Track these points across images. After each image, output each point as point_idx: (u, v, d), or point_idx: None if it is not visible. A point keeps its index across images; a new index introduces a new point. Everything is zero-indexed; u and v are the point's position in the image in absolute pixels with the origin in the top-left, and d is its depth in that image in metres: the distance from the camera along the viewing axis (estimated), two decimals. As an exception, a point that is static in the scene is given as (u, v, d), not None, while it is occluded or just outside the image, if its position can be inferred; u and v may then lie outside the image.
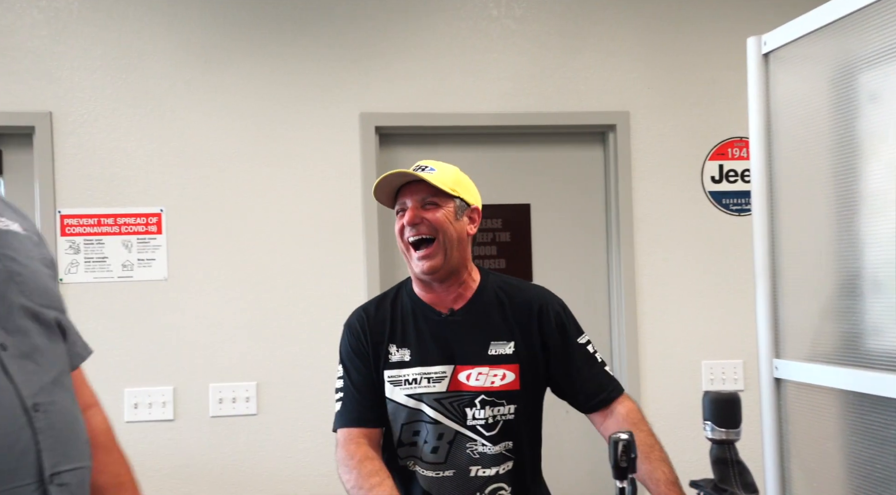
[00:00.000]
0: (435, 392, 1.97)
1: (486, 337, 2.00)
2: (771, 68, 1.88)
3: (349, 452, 1.96)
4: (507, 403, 1.98)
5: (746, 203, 3.59)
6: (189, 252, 3.32)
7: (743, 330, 3.54)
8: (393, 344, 2.02)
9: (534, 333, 2.02)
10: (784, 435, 1.92)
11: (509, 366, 1.99)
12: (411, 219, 1.95)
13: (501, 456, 1.98)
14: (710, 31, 3.60)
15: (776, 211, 1.92)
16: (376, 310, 2.09)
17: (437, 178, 1.95)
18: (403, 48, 3.45)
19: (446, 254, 1.96)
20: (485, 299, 2.04)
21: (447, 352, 1.99)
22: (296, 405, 3.35)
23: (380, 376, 2.02)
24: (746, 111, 1.96)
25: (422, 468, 2.00)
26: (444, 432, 1.97)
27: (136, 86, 3.30)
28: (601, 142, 3.63)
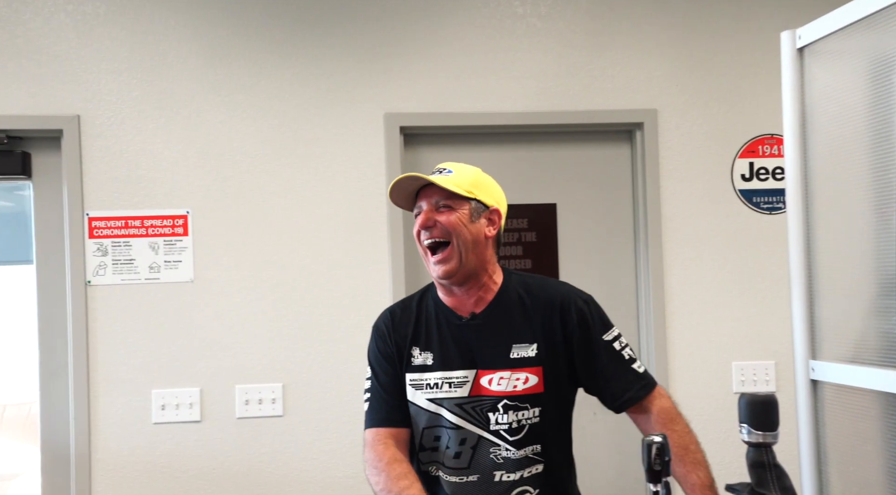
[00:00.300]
0: (456, 397, 1.96)
1: (508, 340, 1.97)
2: (806, 63, 1.84)
3: (377, 453, 1.96)
4: (532, 406, 1.95)
5: (778, 201, 3.53)
6: (215, 253, 3.32)
7: (775, 330, 3.49)
8: (416, 347, 2.01)
9: (556, 332, 1.98)
10: (821, 438, 1.88)
11: (532, 369, 1.96)
12: (424, 221, 1.95)
13: (527, 460, 1.96)
14: (740, 26, 3.55)
15: (811, 209, 1.88)
16: (402, 312, 2.08)
17: (450, 181, 1.94)
18: (428, 47, 3.44)
19: (462, 258, 1.94)
20: (506, 301, 2.01)
21: (469, 357, 1.97)
22: (321, 406, 3.34)
23: (403, 379, 2.01)
24: (777, 107, 1.92)
25: (445, 473, 1.98)
26: (467, 437, 1.95)
27: (161, 88, 3.31)
28: (628, 140, 3.59)
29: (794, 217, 1.90)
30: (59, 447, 3.27)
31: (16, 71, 3.24)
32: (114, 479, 3.24)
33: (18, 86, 3.24)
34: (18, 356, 4.34)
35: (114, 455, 3.24)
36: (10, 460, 4.61)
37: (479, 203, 1.97)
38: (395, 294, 3.35)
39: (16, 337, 4.19)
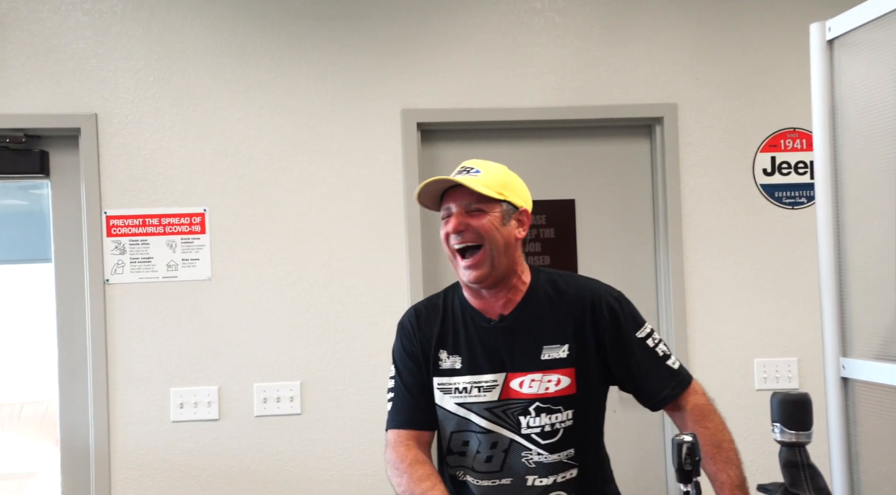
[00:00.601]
0: (485, 401, 1.93)
1: (539, 341, 1.93)
2: (835, 55, 1.81)
3: (399, 455, 1.93)
4: (565, 409, 1.92)
5: (800, 196, 3.49)
6: (232, 251, 3.31)
7: (797, 327, 3.45)
8: (443, 350, 1.98)
9: (588, 332, 1.94)
10: (851, 437, 1.85)
11: (564, 371, 1.92)
12: (456, 226, 1.89)
13: (561, 465, 1.93)
14: (761, 19, 3.51)
15: (841, 203, 1.85)
16: (427, 311, 2.04)
17: (482, 182, 1.88)
18: (445, 43, 3.41)
19: (493, 262, 1.90)
20: (535, 301, 1.97)
21: (498, 360, 1.93)
22: (339, 404, 3.33)
23: (430, 382, 1.98)
24: (800, 101, 1.89)
25: (474, 477, 1.95)
26: (499, 440, 1.92)
27: (178, 85, 3.30)
28: (648, 135, 3.56)
29: (824, 211, 1.86)
30: (79, 445, 3.27)
31: (33, 69, 3.23)
32: (133, 477, 3.23)
33: (36, 84, 3.23)
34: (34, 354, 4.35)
35: (133, 453, 3.24)
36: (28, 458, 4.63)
37: (510, 205, 1.92)
38: (412, 291, 3.33)
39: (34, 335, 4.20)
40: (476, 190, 1.87)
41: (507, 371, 1.93)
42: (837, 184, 1.85)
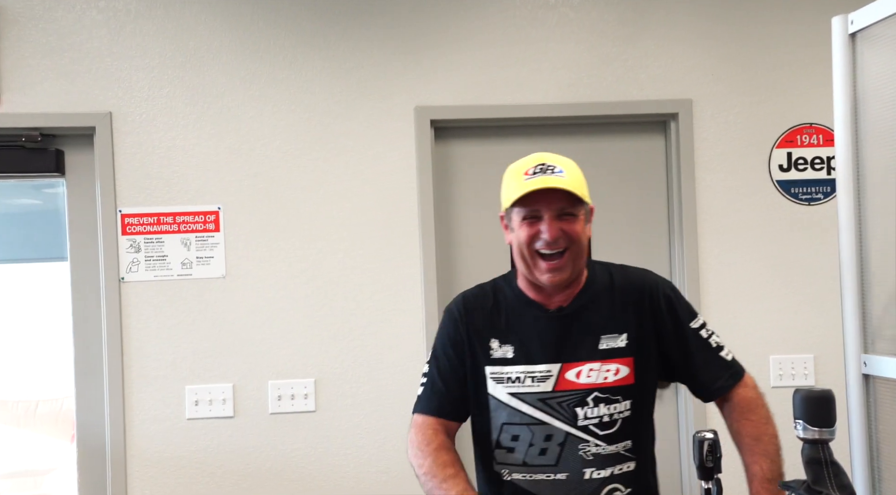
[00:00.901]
0: (539, 392, 1.90)
1: (597, 331, 1.91)
2: (858, 49, 1.79)
3: (426, 437, 1.92)
4: (623, 399, 1.90)
5: (817, 192, 3.47)
6: (246, 249, 3.31)
7: (813, 323, 3.43)
8: (495, 339, 1.94)
9: (646, 321, 1.93)
10: (873, 434, 1.83)
11: (622, 360, 1.90)
12: (554, 234, 1.83)
13: (618, 457, 1.90)
14: (776, 14, 3.48)
15: (863, 199, 1.83)
16: (477, 299, 2.00)
17: (571, 185, 1.84)
18: (459, 39, 3.40)
19: (574, 265, 1.88)
20: (593, 292, 1.96)
21: (553, 350, 1.90)
22: (354, 402, 3.33)
23: (481, 371, 1.94)
24: (815, 95, 1.87)
25: (526, 473, 1.91)
26: (554, 433, 1.89)
27: (192, 83, 3.30)
28: (662, 131, 3.54)
29: (845, 206, 1.85)
30: (95, 442, 3.28)
31: (48, 68, 3.24)
32: (149, 474, 3.24)
33: (51, 83, 3.24)
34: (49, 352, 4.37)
35: (149, 450, 3.24)
36: (43, 455, 4.65)
37: (587, 205, 1.90)
38: (426, 288, 3.32)
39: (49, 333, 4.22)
40: (577, 194, 1.83)
41: (562, 361, 1.90)
42: (859, 180, 1.84)
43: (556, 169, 1.86)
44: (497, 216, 3.50)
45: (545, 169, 1.86)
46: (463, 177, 3.49)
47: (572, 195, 1.83)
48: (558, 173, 1.85)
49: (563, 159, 1.92)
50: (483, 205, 3.48)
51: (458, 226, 3.48)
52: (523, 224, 1.88)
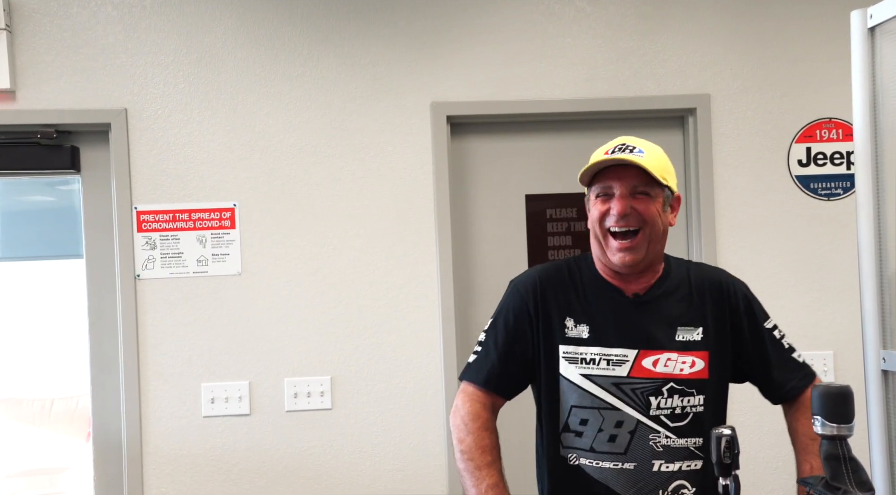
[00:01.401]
0: (614, 376, 1.87)
1: (674, 322, 1.89)
2: (877, 43, 1.76)
3: (473, 411, 1.91)
4: (697, 393, 1.87)
5: (836, 187, 3.43)
6: (262, 246, 3.31)
7: (833, 319, 3.39)
8: (570, 317, 1.92)
9: (723, 319, 1.92)
10: (892, 429, 1.80)
11: (698, 353, 1.88)
12: (622, 209, 1.81)
13: (687, 452, 1.87)
14: (796, 8, 3.44)
15: (882, 193, 1.80)
16: (552, 277, 1.97)
17: (650, 164, 1.81)
18: (475, 34, 3.39)
19: (648, 248, 1.86)
20: (670, 284, 1.94)
21: (630, 336, 1.88)
22: (369, 399, 3.32)
23: (554, 350, 1.92)
24: (835, 90, 1.84)
25: (593, 459, 1.88)
26: (624, 420, 1.87)
27: (207, 80, 3.30)
28: (681, 126, 3.51)
29: (865, 202, 1.82)
30: (111, 440, 3.29)
31: (63, 65, 3.25)
32: (165, 472, 3.25)
33: (66, 80, 3.25)
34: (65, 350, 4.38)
35: (165, 448, 3.25)
36: (58, 453, 4.67)
37: (670, 190, 1.88)
38: (442, 285, 3.31)
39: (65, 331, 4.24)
40: (649, 171, 1.81)
41: (639, 347, 1.87)
42: (878, 174, 1.81)
43: (635, 149, 1.84)
44: (511, 210, 3.49)
45: (624, 148, 1.85)
46: (479, 174, 3.47)
47: (648, 174, 1.81)
48: (638, 153, 1.83)
49: (648, 143, 1.90)
50: (499, 201, 3.46)
51: (475, 223, 3.46)
52: (596, 202, 1.88)
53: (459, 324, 3.37)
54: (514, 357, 1.94)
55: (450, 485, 3.32)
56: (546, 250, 3.46)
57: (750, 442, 3.23)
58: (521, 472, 2.15)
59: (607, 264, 1.91)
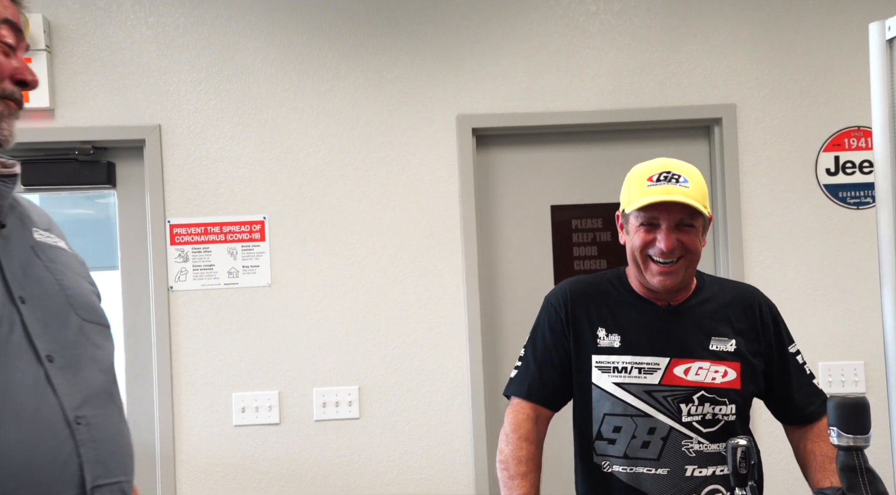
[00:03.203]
0: (646, 384, 1.91)
1: (708, 332, 1.93)
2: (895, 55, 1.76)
3: (516, 422, 1.95)
4: (729, 403, 1.91)
5: (866, 196, 3.41)
6: (291, 258, 3.36)
7: (864, 329, 3.36)
8: (602, 327, 1.96)
9: (757, 332, 1.96)
10: (916, 441, 1.80)
11: (731, 364, 1.91)
12: (670, 245, 1.85)
13: (720, 457, 1.90)
14: (820, 18, 3.43)
15: (902, 202, 1.80)
16: (586, 290, 2.02)
17: (694, 196, 1.84)
18: (500, 47, 3.42)
19: (686, 272, 1.91)
20: (704, 297, 1.98)
21: (661, 344, 1.92)
22: (397, 409, 3.35)
23: (587, 360, 1.96)
24: (863, 99, 1.85)
25: (626, 465, 1.92)
26: (657, 427, 1.90)
27: (238, 96, 3.37)
28: (706, 136, 3.51)
29: (885, 210, 1.82)
30: (145, 448, 3.36)
31: (100, 83, 3.34)
32: (198, 480, 3.30)
33: (103, 98, 3.34)
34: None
35: (197, 456, 3.31)
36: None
37: (706, 216, 1.91)
38: (468, 296, 3.34)
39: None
40: (699, 212, 1.85)
41: (671, 356, 1.91)
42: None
43: (680, 178, 1.86)
44: (537, 221, 3.50)
45: (670, 177, 1.86)
46: (505, 185, 3.50)
47: (693, 207, 1.84)
48: (683, 183, 1.85)
49: (688, 167, 1.92)
50: (525, 212, 3.49)
51: (501, 234, 3.49)
52: (640, 229, 1.89)
53: (486, 334, 3.39)
54: (553, 367, 1.99)
55: (476, 493, 3.34)
56: (572, 261, 3.48)
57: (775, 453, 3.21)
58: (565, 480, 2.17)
59: (644, 284, 1.95)
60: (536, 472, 1.89)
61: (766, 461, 2.68)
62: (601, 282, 2.04)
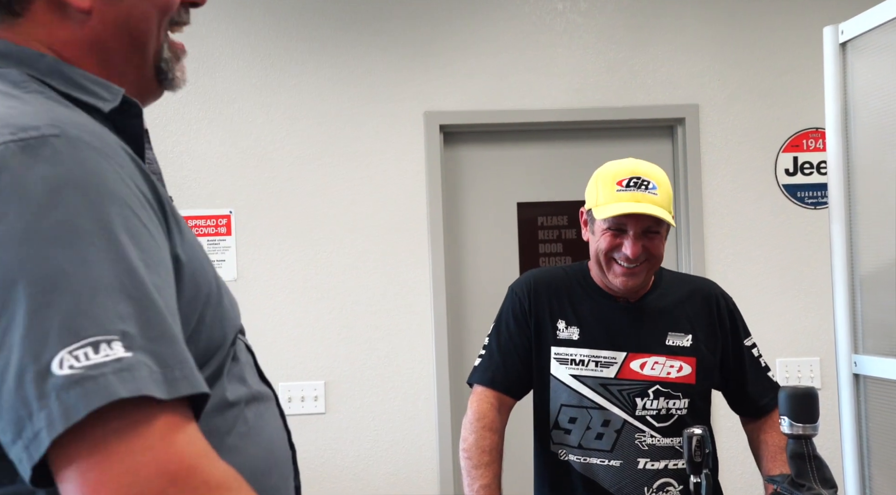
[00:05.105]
0: (602, 377, 1.95)
1: (664, 327, 1.97)
2: (848, 58, 1.82)
3: (481, 411, 1.98)
4: (683, 397, 1.95)
5: (823, 196, 3.49)
6: (257, 252, 3.37)
7: (820, 326, 3.44)
8: (562, 320, 2.00)
9: (714, 326, 2.00)
10: (863, 432, 1.86)
11: (686, 359, 1.96)
12: (636, 252, 1.87)
13: (673, 451, 1.94)
14: (782, 20, 3.51)
15: (854, 203, 1.86)
16: (548, 281, 2.05)
17: (662, 204, 1.86)
18: (467, 45, 3.45)
19: (647, 275, 1.95)
20: (663, 292, 2.02)
21: (619, 339, 1.96)
22: (362, 404, 3.37)
23: (546, 351, 1.99)
24: (821, 100, 1.91)
25: (580, 455, 1.96)
26: (611, 419, 1.94)
27: (205, 89, 3.37)
28: (669, 136, 3.57)
29: (837, 211, 1.88)
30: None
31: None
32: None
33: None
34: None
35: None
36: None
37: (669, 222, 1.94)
38: (435, 292, 3.37)
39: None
40: (665, 220, 1.86)
41: (628, 351, 1.95)
42: (850, 184, 1.87)
43: (650, 185, 1.87)
44: (503, 217, 3.53)
45: (640, 183, 1.87)
46: (471, 182, 3.53)
47: (666, 220, 1.87)
48: (651, 190, 1.86)
49: (656, 171, 1.92)
50: (491, 208, 3.52)
51: (467, 230, 3.52)
52: (607, 233, 1.90)
53: (451, 329, 3.43)
54: (517, 355, 2.02)
55: (441, 488, 3.37)
56: (537, 257, 3.52)
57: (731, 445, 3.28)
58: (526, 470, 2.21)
59: (607, 285, 1.98)
60: (499, 462, 1.93)
61: (725, 453, 2.75)
62: (564, 275, 2.08)
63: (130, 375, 0.69)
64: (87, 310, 0.70)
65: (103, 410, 0.67)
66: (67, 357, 0.68)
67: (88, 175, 0.76)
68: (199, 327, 0.88)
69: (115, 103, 0.91)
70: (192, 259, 0.87)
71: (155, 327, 0.73)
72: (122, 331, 0.70)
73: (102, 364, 0.68)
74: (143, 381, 0.69)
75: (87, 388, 0.67)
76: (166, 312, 0.75)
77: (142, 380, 0.69)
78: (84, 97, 0.88)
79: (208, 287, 0.91)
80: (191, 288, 0.86)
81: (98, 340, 0.69)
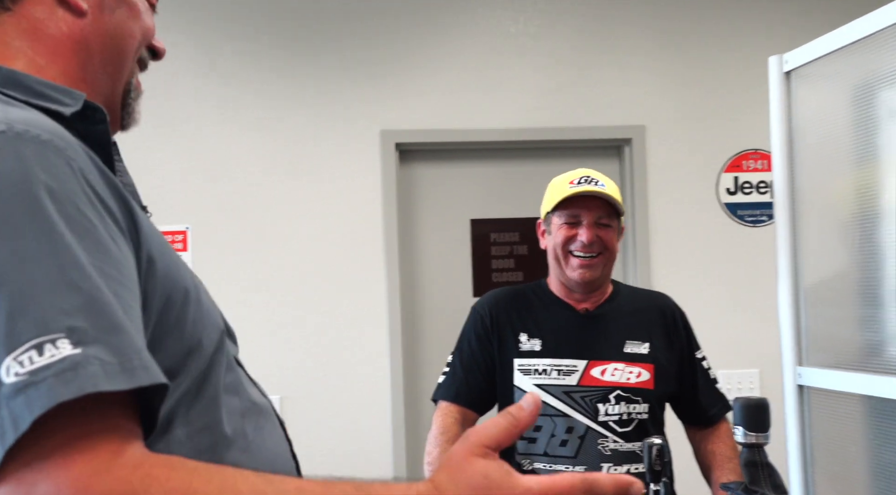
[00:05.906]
0: (565, 385, 2.02)
1: (622, 335, 2.06)
2: (792, 86, 1.94)
3: (444, 426, 2.04)
4: (643, 402, 2.03)
5: (762, 214, 3.64)
6: (214, 268, 3.37)
7: (759, 339, 3.57)
8: (524, 333, 2.07)
9: (669, 336, 2.10)
10: (807, 440, 1.96)
11: (644, 365, 2.04)
12: (590, 238, 1.99)
13: (634, 456, 2.01)
14: (726, 45, 3.66)
15: (798, 222, 1.97)
16: (509, 298, 2.14)
17: (614, 196, 2.00)
18: (422, 65, 3.52)
19: (604, 270, 2.04)
20: (620, 302, 2.12)
21: (580, 347, 2.04)
22: (318, 418, 3.39)
23: (509, 363, 2.06)
24: (762, 123, 2.01)
25: (546, 463, 2.03)
26: (574, 426, 2.01)
27: (162, 106, 3.37)
28: (617, 155, 3.69)
29: (783, 230, 1.98)
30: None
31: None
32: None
33: (21, 104, 3.28)
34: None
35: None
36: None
37: (621, 221, 2.07)
38: (391, 306, 3.41)
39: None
40: (615, 205, 1.99)
41: (588, 358, 2.03)
42: (794, 205, 1.98)
43: (598, 182, 2.02)
44: (457, 233, 3.60)
45: (589, 180, 2.02)
46: (426, 199, 3.60)
47: (611, 207, 2.00)
48: (601, 186, 2.01)
49: (605, 177, 2.08)
50: (445, 225, 3.59)
51: (422, 246, 3.59)
52: (563, 227, 2.03)
53: (406, 344, 3.48)
54: (479, 372, 2.09)
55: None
56: (490, 273, 3.60)
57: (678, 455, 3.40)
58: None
59: (565, 282, 2.08)
60: None
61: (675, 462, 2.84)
62: (524, 291, 2.18)
63: (74, 374, 0.65)
64: (26, 311, 0.67)
65: (51, 415, 0.64)
66: (13, 363, 0.65)
67: (27, 168, 0.72)
68: (181, 325, 0.86)
69: (76, 107, 0.87)
70: (164, 255, 0.86)
71: (107, 317, 0.70)
72: (69, 327, 0.67)
73: (46, 366, 0.65)
74: (91, 378, 0.66)
75: (30, 395, 0.65)
76: (116, 302, 0.72)
77: (87, 378, 0.66)
78: (44, 103, 0.85)
79: (185, 283, 0.89)
80: (166, 284, 0.84)
81: (41, 341, 0.66)
